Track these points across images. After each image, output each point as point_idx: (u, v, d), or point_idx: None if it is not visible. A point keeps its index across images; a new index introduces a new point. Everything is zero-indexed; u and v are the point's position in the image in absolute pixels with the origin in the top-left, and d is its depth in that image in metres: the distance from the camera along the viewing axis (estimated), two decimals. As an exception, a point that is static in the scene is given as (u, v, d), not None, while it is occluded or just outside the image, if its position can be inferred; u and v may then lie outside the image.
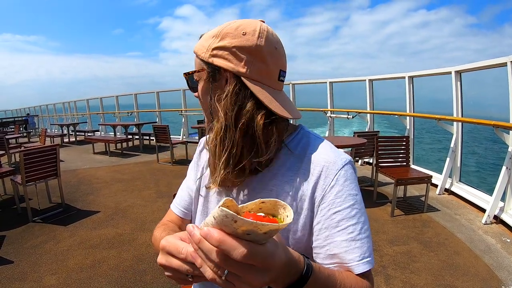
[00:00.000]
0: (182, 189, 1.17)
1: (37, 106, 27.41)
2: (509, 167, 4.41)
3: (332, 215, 0.83)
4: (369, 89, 8.35)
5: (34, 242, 4.12)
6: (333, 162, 0.87)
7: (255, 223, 0.51)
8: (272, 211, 0.59)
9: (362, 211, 0.86)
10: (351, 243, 0.81)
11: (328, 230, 0.83)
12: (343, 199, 0.84)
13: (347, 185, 0.86)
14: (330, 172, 0.86)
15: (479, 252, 3.66)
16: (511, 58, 4.41)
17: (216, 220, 0.53)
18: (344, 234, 0.82)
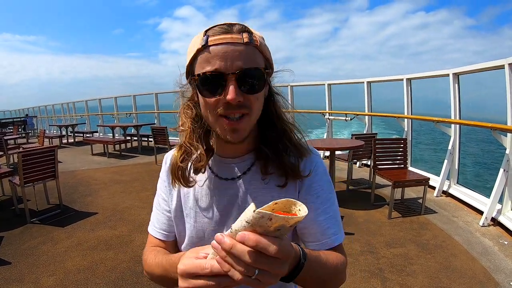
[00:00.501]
0: (158, 212, 1.13)
1: (36, 107, 27.40)
2: (506, 170, 4.42)
3: (314, 200, 1.00)
4: (367, 91, 8.36)
5: (32, 243, 4.12)
6: (312, 157, 1.05)
7: (286, 217, 0.59)
8: (284, 208, 0.65)
9: (333, 194, 1.05)
10: (330, 221, 1.00)
11: (311, 213, 0.90)
12: (321, 186, 1.02)
13: (323, 176, 1.04)
14: (310, 166, 1.02)
15: (476, 255, 3.67)
16: (509, 61, 4.42)
17: (250, 223, 0.60)
18: (323, 214, 0.99)
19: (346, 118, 8.70)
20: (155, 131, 9.37)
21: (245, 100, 0.86)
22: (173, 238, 1.11)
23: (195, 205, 1.03)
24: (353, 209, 5.09)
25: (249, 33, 0.87)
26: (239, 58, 0.84)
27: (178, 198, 1.07)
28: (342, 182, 6.45)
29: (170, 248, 1.11)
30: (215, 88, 0.85)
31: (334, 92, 9.48)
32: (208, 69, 0.84)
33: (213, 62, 0.84)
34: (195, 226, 1.03)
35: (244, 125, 0.89)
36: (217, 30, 0.86)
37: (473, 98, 8.35)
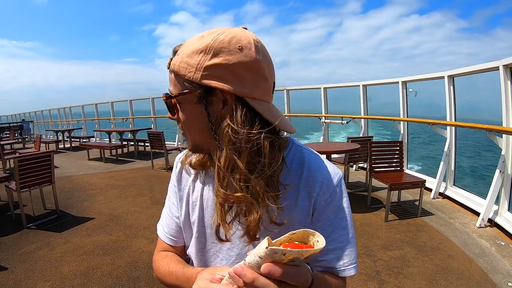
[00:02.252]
0: (167, 217, 1.12)
1: (32, 112, 27.30)
2: (502, 170, 4.45)
3: (327, 227, 0.92)
4: (363, 94, 8.38)
5: (28, 249, 4.10)
6: (330, 179, 0.93)
7: (301, 251, 0.60)
8: (302, 239, 0.66)
9: (351, 222, 0.96)
10: (340, 251, 0.92)
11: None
12: (336, 213, 0.93)
13: (341, 200, 0.95)
14: (328, 189, 0.92)
15: (473, 256, 3.68)
16: (503, 62, 4.44)
17: (264, 258, 0.61)
18: (335, 243, 0.92)
19: (342, 121, 8.72)
20: (151, 136, 9.36)
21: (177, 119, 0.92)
22: (182, 243, 1.11)
23: (200, 214, 1.02)
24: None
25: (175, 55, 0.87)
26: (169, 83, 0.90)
27: (187, 205, 1.06)
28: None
29: (180, 253, 1.11)
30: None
31: (330, 96, 9.50)
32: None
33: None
34: (197, 236, 1.02)
35: (186, 139, 0.95)
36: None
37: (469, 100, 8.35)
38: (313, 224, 0.93)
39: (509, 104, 4.46)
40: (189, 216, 1.05)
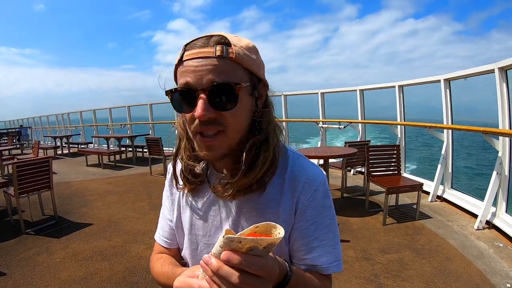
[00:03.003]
0: (162, 220, 1.17)
1: (30, 117, 27.29)
2: (499, 172, 4.47)
3: (310, 226, 0.94)
4: (360, 99, 8.42)
5: (27, 254, 4.10)
6: (312, 178, 0.95)
7: (256, 239, 0.62)
8: (265, 232, 0.68)
9: (334, 220, 1.00)
10: (323, 249, 0.94)
11: (304, 239, 0.94)
12: (319, 212, 0.95)
13: (324, 199, 0.97)
14: (310, 188, 0.95)
15: (471, 258, 3.69)
16: (499, 65, 4.48)
17: (223, 247, 0.63)
18: (317, 241, 0.95)
19: (339, 126, 8.74)
20: (149, 142, 9.36)
21: (218, 116, 0.82)
22: (177, 246, 1.13)
23: (191, 217, 1.04)
24: (347, 216, 5.10)
25: (225, 45, 0.82)
26: (211, 72, 0.80)
27: (178, 208, 1.09)
28: (337, 190, 6.46)
29: (175, 255, 1.13)
30: (187, 104, 0.83)
31: (328, 100, 9.53)
32: (180, 84, 0.83)
33: (185, 77, 0.81)
34: (190, 238, 1.04)
35: (219, 143, 0.85)
36: (194, 44, 0.83)
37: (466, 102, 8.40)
38: (296, 222, 0.95)
39: (505, 107, 4.49)
40: (181, 219, 1.08)
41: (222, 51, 0.80)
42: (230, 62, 0.81)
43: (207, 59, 0.80)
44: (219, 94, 0.80)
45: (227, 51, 0.81)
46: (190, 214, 1.04)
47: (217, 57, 0.80)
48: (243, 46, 0.84)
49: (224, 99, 0.81)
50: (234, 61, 0.82)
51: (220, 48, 0.80)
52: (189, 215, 1.04)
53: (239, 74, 0.83)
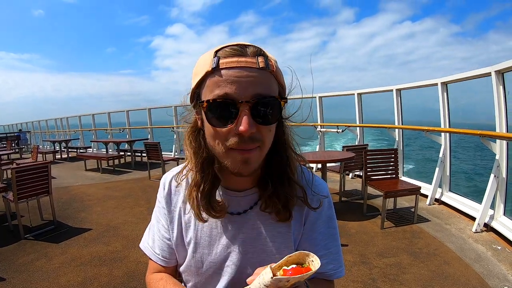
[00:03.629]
0: (158, 239, 1.09)
1: (29, 122, 27.28)
2: (497, 175, 4.49)
3: (318, 235, 1.00)
4: (358, 103, 8.45)
5: (25, 259, 4.10)
6: (319, 192, 1.01)
7: (301, 276, 0.66)
8: (298, 260, 0.72)
9: (337, 229, 1.05)
10: (330, 256, 0.99)
11: (311, 247, 0.98)
12: (326, 223, 1.02)
13: (329, 210, 1.04)
14: (318, 201, 0.99)
15: (469, 261, 3.70)
16: (495, 68, 4.50)
17: (269, 286, 0.66)
18: (324, 249, 1.00)
19: (337, 130, 8.75)
20: (148, 147, 9.37)
21: (257, 131, 0.78)
22: (174, 264, 1.09)
23: (196, 235, 1.00)
24: (346, 220, 5.10)
25: (264, 57, 0.80)
26: (254, 84, 0.76)
27: (179, 226, 1.04)
28: (335, 194, 6.46)
29: (172, 273, 1.10)
30: (226, 117, 0.77)
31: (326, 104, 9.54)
32: (218, 95, 0.76)
33: (224, 87, 0.76)
34: (194, 256, 1.00)
35: (256, 157, 0.82)
36: (229, 52, 0.78)
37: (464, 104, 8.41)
38: (305, 233, 0.99)
39: (502, 110, 4.51)
40: (183, 236, 1.04)
41: (264, 63, 0.78)
42: (269, 75, 0.80)
43: (249, 70, 0.76)
44: (264, 108, 0.78)
45: (269, 63, 0.79)
46: (195, 233, 1.01)
47: (260, 69, 0.77)
48: (276, 60, 0.84)
49: (267, 113, 0.78)
50: (273, 74, 0.81)
51: (262, 60, 0.78)
52: (194, 233, 1.01)
53: (275, 87, 0.82)
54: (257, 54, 0.79)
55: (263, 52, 0.81)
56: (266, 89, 0.78)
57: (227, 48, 0.79)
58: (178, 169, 1.09)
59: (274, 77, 0.81)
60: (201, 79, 0.80)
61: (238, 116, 0.76)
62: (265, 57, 0.79)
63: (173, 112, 12.98)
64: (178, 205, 1.05)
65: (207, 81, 0.79)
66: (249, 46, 0.80)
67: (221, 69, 0.76)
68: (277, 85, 0.82)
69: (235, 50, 0.78)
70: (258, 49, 0.80)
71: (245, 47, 0.80)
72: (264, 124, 0.79)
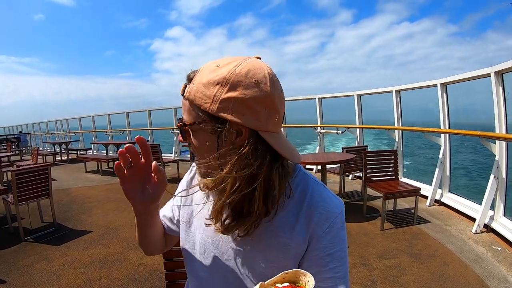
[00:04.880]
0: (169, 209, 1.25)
1: (30, 123, 27.28)
2: (496, 176, 4.49)
3: (325, 256, 0.93)
4: (357, 104, 8.46)
5: (26, 262, 4.11)
6: (330, 210, 0.95)
7: None
8: (294, 278, 0.71)
9: (347, 253, 0.98)
10: (336, 281, 0.93)
11: (318, 268, 0.93)
12: (334, 244, 0.95)
13: (339, 232, 0.96)
14: (327, 220, 0.94)
15: (469, 262, 3.70)
16: (495, 69, 4.51)
17: None
18: (331, 272, 0.92)
19: (337, 131, 8.76)
20: (148, 149, 9.30)
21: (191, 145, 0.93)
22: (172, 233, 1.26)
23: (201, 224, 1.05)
24: (345, 221, 5.08)
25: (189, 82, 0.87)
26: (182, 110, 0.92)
27: (190, 210, 1.12)
28: (335, 195, 6.45)
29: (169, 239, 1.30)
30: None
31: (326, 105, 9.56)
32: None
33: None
34: (200, 242, 1.06)
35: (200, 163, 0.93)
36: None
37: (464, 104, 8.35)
38: (310, 252, 0.94)
39: (501, 110, 4.52)
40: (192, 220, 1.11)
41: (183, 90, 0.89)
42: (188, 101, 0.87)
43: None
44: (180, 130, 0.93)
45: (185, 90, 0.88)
46: (201, 221, 1.05)
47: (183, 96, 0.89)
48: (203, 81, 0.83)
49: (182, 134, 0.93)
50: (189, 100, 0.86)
51: (183, 87, 0.89)
52: (201, 221, 1.06)
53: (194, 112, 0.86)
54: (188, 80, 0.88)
55: (192, 76, 0.87)
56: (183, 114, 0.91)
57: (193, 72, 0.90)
58: None
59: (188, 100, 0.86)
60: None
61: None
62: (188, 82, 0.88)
63: (173, 114, 12.98)
64: (195, 189, 1.10)
65: None
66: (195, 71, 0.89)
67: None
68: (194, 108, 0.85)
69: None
70: (193, 73, 0.88)
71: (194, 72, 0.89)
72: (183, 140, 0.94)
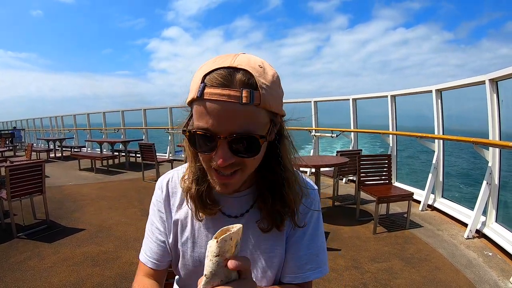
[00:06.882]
0: (150, 241, 1.09)
1: (24, 119, 27.16)
2: (489, 182, 4.52)
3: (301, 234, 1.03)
4: (352, 108, 8.50)
5: (18, 258, 4.09)
6: (313, 192, 1.06)
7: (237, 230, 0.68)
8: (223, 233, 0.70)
9: (322, 230, 1.07)
10: (310, 257, 1.01)
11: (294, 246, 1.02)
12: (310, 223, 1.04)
13: (318, 214, 1.06)
14: (311, 203, 1.03)
15: (460, 267, 3.72)
16: (489, 76, 4.55)
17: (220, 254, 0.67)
18: (305, 249, 1.01)
19: (332, 134, 8.80)
20: (143, 148, 9.34)
21: (237, 160, 0.79)
22: (165, 266, 1.09)
23: (193, 235, 1.03)
24: (338, 225, 5.12)
25: (251, 87, 0.75)
26: (234, 120, 0.75)
27: (175, 227, 1.05)
28: (328, 198, 6.50)
29: (161, 275, 1.11)
30: (206, 146, 0.79)
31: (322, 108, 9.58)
32: (199, 127, 0.77)
33: (205, 119, 0.76)
34: (192, 255, 1.02)
35: (236, 180, 0.85)
36: (215, 79, 0.75)
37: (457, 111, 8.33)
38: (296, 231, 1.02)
39: (495, 118, 4.56)
40: (178, 238, 1.06)
41: (248, 97, 0.74)
42: (254, 108, 0.76)
43: (231, 105, 0.74)
44: (242, 144, 0.77)
45: (253, 96, 0.75)
46: (192, 233, 1.03)
47: (243, 104, 0.74)
48: (268, 84, 0.78)
49: (245, 148, 0.78)
50: (260, 107, 0.76)
51: (246, 94, 0.74)
52: (191, 233, 1.03)
53: (262, 118, 0.79)
54: (243, 85, 0.75)
55: (252, 80, 0.76)
56: (247, 125, 0.76)
57: (216, 72, 0.76)
58: (173, 171, 1.12)
59: (262, 108, 0.77)
60: (190, 101, 0.81)
61: (217, 148, 0.78)
62: (253, 89, 0.75)
63: (168, 113, 12.97)
64: (175, 206, 1.06)
65: (194, 106, 0.79)
66: (239, 70, 0.76)
67: (205, 99, 0.75)
68: (266, 115, 0.80)
69: (222, 77, 0.75)
70: (247, 77, 0.76)
71: (234, 72, 0.76)
72: (243, 157, 0.80)
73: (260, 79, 0.76)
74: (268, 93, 0.77)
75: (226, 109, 0.74)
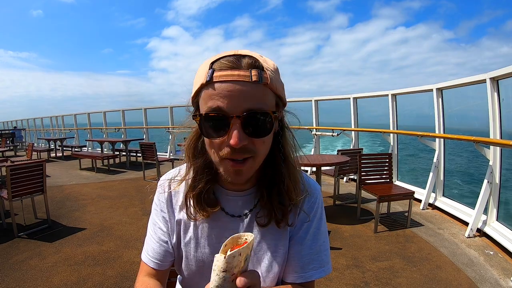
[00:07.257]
0: (153, 241, 1.09)
1: (24, 119, 27.15)
2: (490, 181, 4.52)
3: (304, 234, 1.03)
4: (353, 107, 8.50)
5: (19, 258, 4.09)
6: (316, 191, 1.07)
7: (247, 245, 0.68)
8: (233, 244, 0.72)
9: (325, 229, 1.07)
10: (312, 257, 1.01)
11: (297, 246, 1.02)
12: (313, 223, 1.04)
13: (318, 211, 1.05)
14: (314, 202, 1.05)
15: (461, 266, 3.72)
16: (490, 75, 4.54)
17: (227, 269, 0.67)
18: (308, 249, 1.01)
19: (333, 133, 8.79)
20: (143, 147, 9.33)
21: (249, 143, 0.80)
22: (167, 267, 1.09)
23: (196, 235, 1.03)
24: (339, 224, 5.12)
25: (259, 68, 0.80)
26: (245, 99, 0.77)
27: (178, 227, 1.05)
28: (329, 197, 6.50)
29: (164, 275, 1.11)
30: (218, 129, 0.80)
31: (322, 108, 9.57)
32: (211, 108, 0.79)
33: (216, 101, 0.78)
34: (195, 255, 1.02)
35: (248, 168, 0.85)
36: (223, 64, 0.79)
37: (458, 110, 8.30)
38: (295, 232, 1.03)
39: (496, 116, 4.55)
40: (181, 237, 1.05)
41: (257, 76, 0.78)
42: (263, 87, 0.80)
43: (242, 84, 0.77)
44: (254, 122, 0.79)
45: (262, 76, 0.79)
46: (195, 233, 1.03)
47: (252, 82, 0.78)
48: (272, 70, 0.83)
49: (259, 127, 0.80)
50: (268, 86, 0.80)
51: (255, 73, 0.78)
52: (193, 233, 1.03)
53: (270, 99, 0.82)
54: (251, 67, 0.79)
55: (258, 63, 0.81)
56: (258, 103, 0.79)
57: (223, 59, 0.80)
58: (174, 171, 1.12)
59: (270, 89, 0.81)
60: (197, 90, 0.83)
61: (230, 129, 0.79)
62: (260, 69, 0.80)
63: (168, 112, 12.95)
64: (177, 206, 1.06)
65: (202, 93, 0.81)
66: (245, 56, 0.81)
67: (214, 82, 0.78)
68: (273, 97, 0.84)
69: (230, 62, 0.79)
70: (253, 60, 0.81)
71: (241, 58, 0.81)
72: (255, 137, 0.81)
73: (264, 64, 0.82)
74: (273, 76, 0.82)
75: (237, 88, 0.77)
